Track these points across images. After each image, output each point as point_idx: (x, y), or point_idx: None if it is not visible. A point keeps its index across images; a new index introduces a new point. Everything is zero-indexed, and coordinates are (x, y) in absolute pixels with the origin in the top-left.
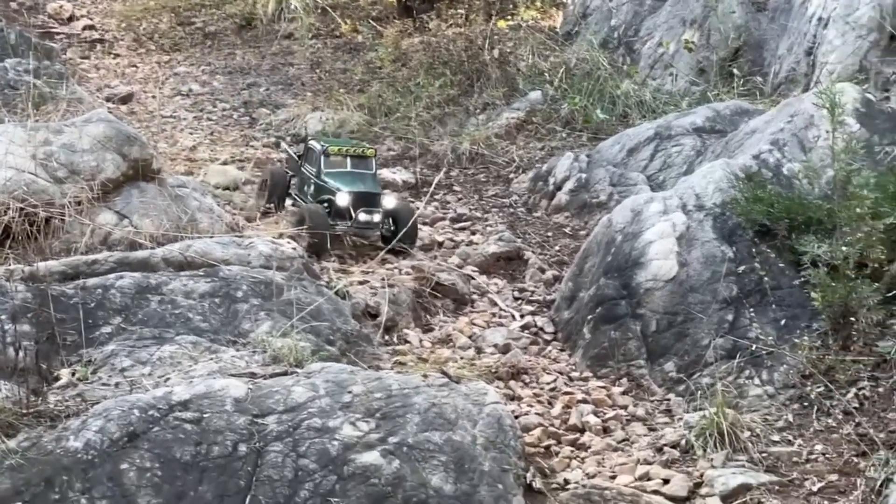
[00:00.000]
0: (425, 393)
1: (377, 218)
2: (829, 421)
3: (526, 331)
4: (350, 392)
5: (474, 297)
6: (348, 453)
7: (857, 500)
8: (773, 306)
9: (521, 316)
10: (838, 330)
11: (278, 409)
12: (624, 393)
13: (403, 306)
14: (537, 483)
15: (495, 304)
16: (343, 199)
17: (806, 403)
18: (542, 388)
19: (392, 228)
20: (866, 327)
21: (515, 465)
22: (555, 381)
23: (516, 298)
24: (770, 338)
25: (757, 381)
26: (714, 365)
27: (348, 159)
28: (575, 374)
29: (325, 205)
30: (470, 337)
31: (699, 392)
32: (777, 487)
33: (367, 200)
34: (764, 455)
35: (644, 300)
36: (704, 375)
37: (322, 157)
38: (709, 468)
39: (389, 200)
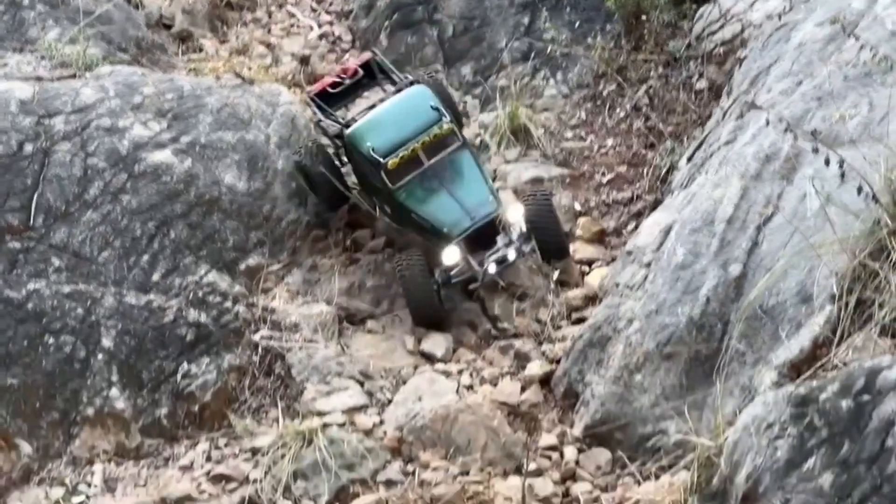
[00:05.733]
0: (218, 94)
1: (513, 254)
2: (621, 116)
3: (324, 40)
4: (141, 94)
5: (272, 8)
6: (139, 152)
7: (644, 188)
8: (569, 9)
9: (319, 25)
10: (631, 31)
11: (66, 111)
12: None
13: (199, 17)
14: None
15: (293, 16)
16: (452, 257)
17: (599, 102)
18: None
19: (533, 245)
20: (658, 27)
21: None
22: None
23: (314, 9)
24: (565, 39)
25: (552, 81)
26: (510, 67)
27: (421, 155)
28: None
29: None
30: (267, 46)
31: (495, 93)
32: (569, 180)
33: (486, 235)
34: (557, 150)
35: (440, 5)
36: (500, 78)
37: (383, 174)
38: (503, 163)
39: (514, 211)
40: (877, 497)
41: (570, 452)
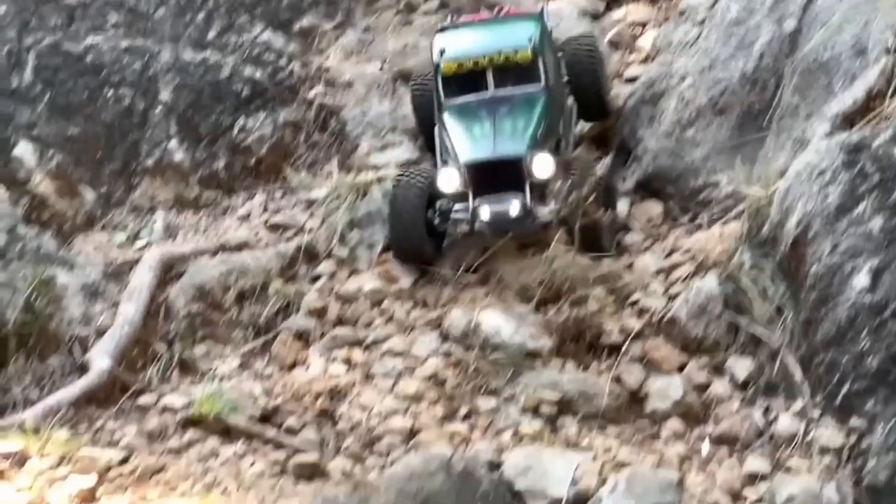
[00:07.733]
0: None
1: (515, 209)
2: None
3: None
4: None
5: None
6: None
7: None
8: None
9: None
10: None
11: None
12: None
13: None
14: None
15: None
16: (448, 181)
17: None
18: None
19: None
20: None
21: None
22: None
23: None
24: None
25: None
26: None
27: (489, 76)
28: None
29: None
30: None
31: None
32: None
33: (493, 178)
34: None
35: None
36: None
37: (439, 81)
38: None
39: (542, 162)
40: None
41: (622, 205)
